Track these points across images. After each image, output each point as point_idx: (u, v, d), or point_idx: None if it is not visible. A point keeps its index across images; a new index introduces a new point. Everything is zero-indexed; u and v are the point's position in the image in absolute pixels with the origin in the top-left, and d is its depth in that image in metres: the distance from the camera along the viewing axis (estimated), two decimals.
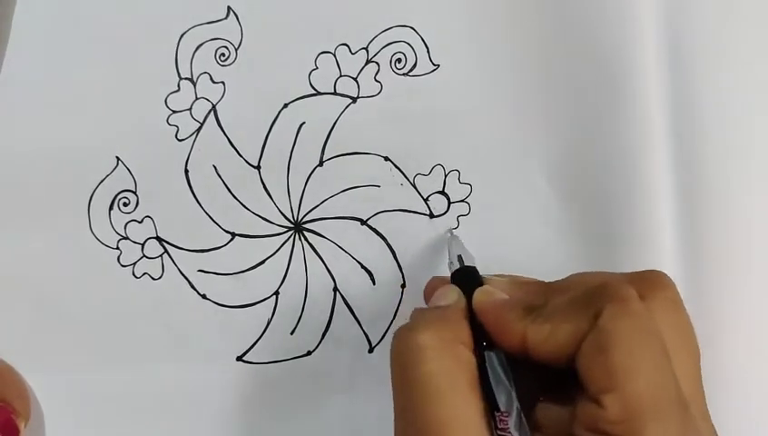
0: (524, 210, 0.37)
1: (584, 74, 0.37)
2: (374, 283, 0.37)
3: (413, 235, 0.37)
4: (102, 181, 0.36)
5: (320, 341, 0.37)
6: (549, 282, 0.32)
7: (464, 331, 0.30)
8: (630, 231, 0.36)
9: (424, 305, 0.36)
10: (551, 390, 0.29)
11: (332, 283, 0.37)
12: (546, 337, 0.28)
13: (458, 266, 0.34)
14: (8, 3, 0.35)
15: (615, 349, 0.26)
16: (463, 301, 0.31)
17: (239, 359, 0.37)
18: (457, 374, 0.28)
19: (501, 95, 0.37)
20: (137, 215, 0.36)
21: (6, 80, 0.35)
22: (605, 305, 0.27)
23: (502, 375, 0.29)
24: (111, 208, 0.36)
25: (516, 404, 0.28)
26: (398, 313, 0.37)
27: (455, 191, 0.37)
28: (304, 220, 0.37)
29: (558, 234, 0.37)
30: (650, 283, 0.29)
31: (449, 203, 0.37)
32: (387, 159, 0.37)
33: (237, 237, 0.37)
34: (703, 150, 0.37)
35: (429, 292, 0.34)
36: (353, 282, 0.37)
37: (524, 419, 0.28)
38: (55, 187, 0.35)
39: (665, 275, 0.30)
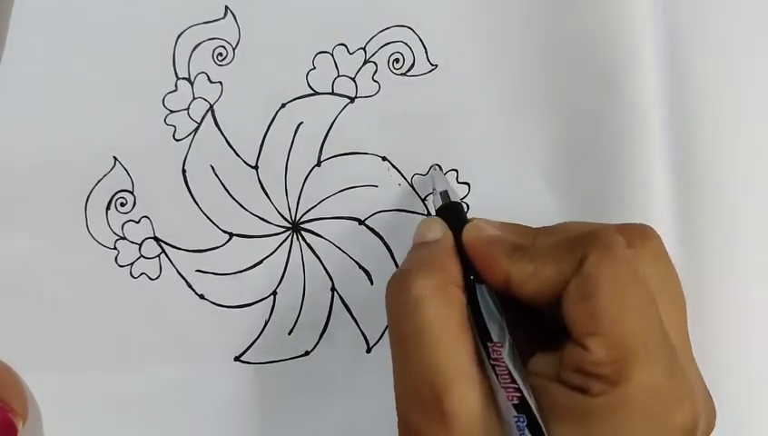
0: (522, 210, 0.37)
1: (582, 73, 0.37)
2: (372, 283, 0.37)
3: (411, 235, 0.37)
4: (99, 181, 0.36)
5: (318, 341, 0.37)
6: (538, 228, 0.32)
7: (453, 268, 0.30)
8: None
9: None
10: (541, 341, 0.29)
11: (330, 283, 0.37)
12: (530, 276, 0.28)
13: (443, 202, 0.34)
14: (6, 3, 0.35)
15: (600, 294, 0.26)
16: (450, 235, 0.31)
17: (236, 359, 0.37)
18: (449, 319, 0.28)
19: (499, 95, 0.37)
20: (134, 215, 0.36)
21: (3, 79, 0.35)
22: (591, 250, 0.27)
23: (493, 307, 0.29)
24: (108, 208, 0.36)
25: (507, 336, 0.28)
26: None
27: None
28: (302, 220, 0.37)
29: None
30: (636, 234, 0.29)
31: None
32: (384, 159, 0.37)
33: (235, 237, 0.37)
34: (701, 149, 0.37)
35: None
36: (351, 282, 0.37)
37: (516, 350, 0.28)
38: (52, 187, 0.35)
39: (651, 228, 0.30)
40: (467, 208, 0.37)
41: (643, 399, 0.25)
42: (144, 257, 0.37)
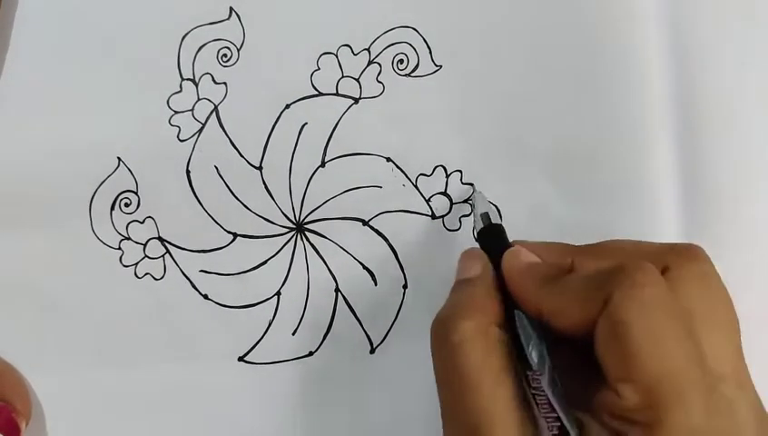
0: (525, 210, 0.37)
1: (586, 73, 0.36)
2: (376, 284, 0.37)
3: (415, 236, 0.37)
4: (103, 181, 0.36)
5: (322, 342, 0.37)
6: (580, 246, 0.31)
7: (493, 306, 0.30)
8: (633, 230, 0.36)
9: (426, 305, 0.37)
10: (587, 370, 0.28)
11: (334, 284, 0.37)
12: (560, 312, 0.28)
13: (484, 224, 0.33)
14: (10, 4, 0.35)
15: (628, 337, 0.25)
16: (489, 269, 0.31)
17: (240, 359, 0.37)
18: (493, 361, 0.28)
19: (503, 96, 0.37)
20: (139, 216, 0.36)
21: (8, 81, 0.35)
22: (616, 290, 0.26)
23: (533, 333, 0.29)
24: (112, 208, 0.36)
25: (548, 363, 0.28)
26: (399, 314, 0.37)
27: (457, 191, 0.37)
28: (306, 220, 0.37)
29: (561, 234, 0.37)
30: (681, 256, 0.28)
31: (452, 203, 0.37)
32: (389, 160, 0.37)
33: (239, 238, 0.37)
34: (706, 149, 0.37)
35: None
36: (355, 283, 0.37)
37: (557, 377, 0.28)
38: (57, 187, 0.36)
39: (699, 248, 0.29)
40: (472, 209, 0.37)
41: None
42: (149, 257, 0.37)
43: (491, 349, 0.28)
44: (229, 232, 0.37)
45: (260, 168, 0.37)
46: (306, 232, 0.37)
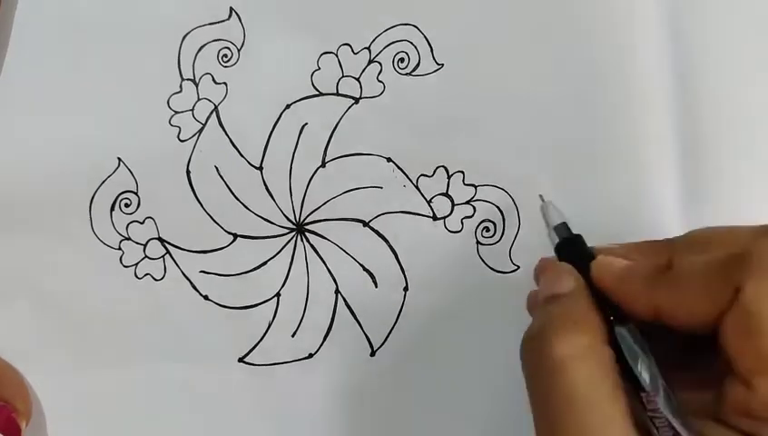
0: (528, 212, 0.36)
1: (587, 73, 0.36)
2: (376, 286, 0.37)
3: (416, 237, 0.37)
4: (103, 181, 0.36)
5: (322, 344, 0.37)
6: (668, 241, 0.29)
7: (597, 323, 0.27)
8: (635, 232, 0.35)
9: (427, 308, 0.36)
10: (693, 373, 0.27)
11: (334, 285, 0.37)
12: (680, 304, 0.26)
13: (561, 236, 0.31)
14: (10, 4, 0.35)
15: (764, 328, 0.23)
16: (582, 283, 0.28)
17: (240, 360, 0.37)
18: (603, 379, 0.26)
19: (505, 95, 0.36)
20: (139, 216, 0.37)
21: (8, 81, 0.35)
22: (748, 279, 0.24)
23: (638, 349, 0.27)
24: (112, 209, 0.36)
25: (660, 380, 0.26)
26: (400, 316, 0.37)
27: (459, 192, 0.37)
28: (306, 221, 0.37)
29: None
30: None
31: (453, 204, 0.37)
32: (390, 160, 0.37)
33: (239, 238, 0.37)
34: (707, 149, 0.36)
35: (540, 273, 0.31)
36: (355, 285, 0.37)
37: (672, 394, 0.26)
38: (57, 187, 0.36)
39: None
40: (474, 211, 0.37)
41: None
42: (149, 258, 0.37)
43: (601, 367, 0.26)
44: (229, 233, 0.37)
45: (260, 168, 0.37)
46: (306, 233, 0.37)
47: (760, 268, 0.24)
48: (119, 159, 0.36)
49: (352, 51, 0.36)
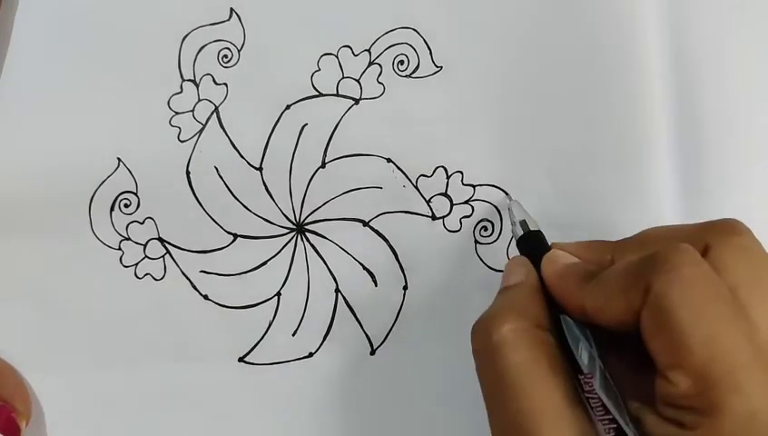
0: (527, 211, 0.37)
1: (586, 74, 0.36)
2: (376, 285, 0.37)
3: (415, 237, 0.37)
4: (103, 182, 0.36)
5: (322, 343, 0.37)
6: (618, 241, 0.31)
7: (537, 310, 0.29)
8: (634, 232, 0.36)
9: (426, 307, 0.37)
10: (639, 365, 0.27)
11: (334, 285, 0.37)
12: (602, 308, 0.27)
13: (522, 232, 0.33)
14: (10, 4, 0.35)
15: (673, 323, 0.24)
16: (533, 274, 0.31)
17: (240, 360, 0.37)
18: (538, 361, 0.27)
19: (504, 97, 0.37)
20: (138, 216, 0.36)
21: (8, 81, 0.35)
22: (654, 277, 0.25)
23: (580, 336, 0.28)
24: (112, 209, 0.36)
25: (598, 363, 0.27)
26: (400, 315, 0.37)
27: (458, 193, 0.37)
28: (306, 221, 0.37)
29: (562, 236, 0.37)
30: (720, 232, 0.27)
31: (452, 204, 0.37)
32: (389, 160, 0.37)
33: (239, 238, 0.37)
34: (707, 149, 0.37)
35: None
36: (355, 284, 0.37)
37: (609, 377, 0.27)
38: (57, 188, 0.36)
39: (737, 221, 0.28)
40: (472, 211, 0.37)
41: (741, 428, 0.23)
42: (149, 258, 0.37)
43: (536, 350, 0.28)
44: (229, 233, 0.37)
45: (260, 169, 0.37)
46: (306, 233, 0.37)
47: (664, 265, 0.25)
48: (119, 159, 0.36)
49: (352, 52, 0.37)
